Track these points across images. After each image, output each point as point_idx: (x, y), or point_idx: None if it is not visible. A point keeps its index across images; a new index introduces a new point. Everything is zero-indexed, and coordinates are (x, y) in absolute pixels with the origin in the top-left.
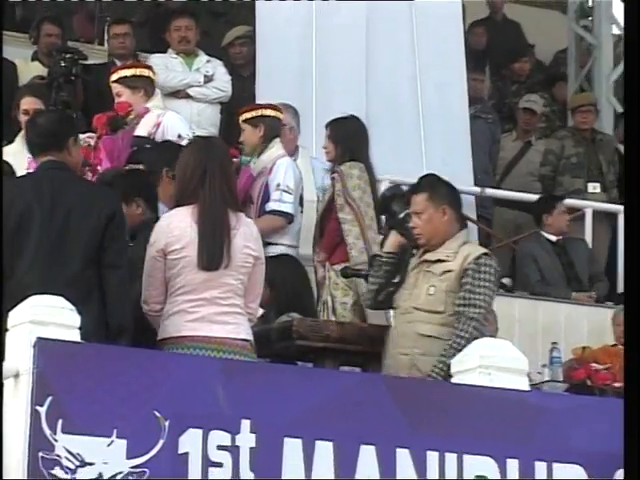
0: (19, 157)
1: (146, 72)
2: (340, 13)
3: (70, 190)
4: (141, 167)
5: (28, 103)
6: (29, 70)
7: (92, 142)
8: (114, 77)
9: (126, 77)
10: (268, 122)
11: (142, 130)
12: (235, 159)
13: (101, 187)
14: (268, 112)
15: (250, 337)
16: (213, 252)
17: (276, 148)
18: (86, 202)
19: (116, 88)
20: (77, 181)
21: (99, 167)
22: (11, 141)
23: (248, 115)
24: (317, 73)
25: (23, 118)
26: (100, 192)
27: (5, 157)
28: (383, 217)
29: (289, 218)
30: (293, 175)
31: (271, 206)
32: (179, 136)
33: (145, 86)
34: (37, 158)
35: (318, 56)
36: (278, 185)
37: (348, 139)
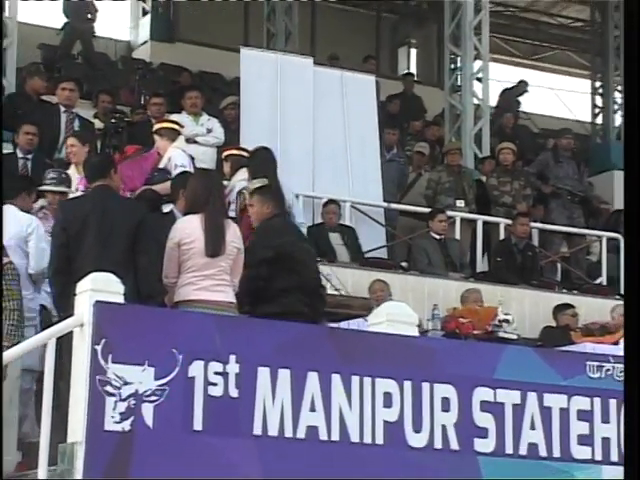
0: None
1: (170, 125)
2: (295, 88)
3: (113, 204)
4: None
5: (71, 142)
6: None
7: None
8: (154, 128)
9: (159, 129)
10: (234, 158)
11: (162, 162)
12: None
13: (134, 201)
14: (234, 152)
15: (234, 300)
16: (215, 244)
17: (240, 173)
18: (124, 211)
19: (155, 136)
20: (118, 197)
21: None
22: (67, 168)
23: (224, 154)
24: (280, 128)
25: (70, 150)
26: (133, 205)
27: None
28: None
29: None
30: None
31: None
32: (181, 165)
33: (169, 134)
34: (92, 182)
35: (280, 117)
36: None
37: (254, 164)
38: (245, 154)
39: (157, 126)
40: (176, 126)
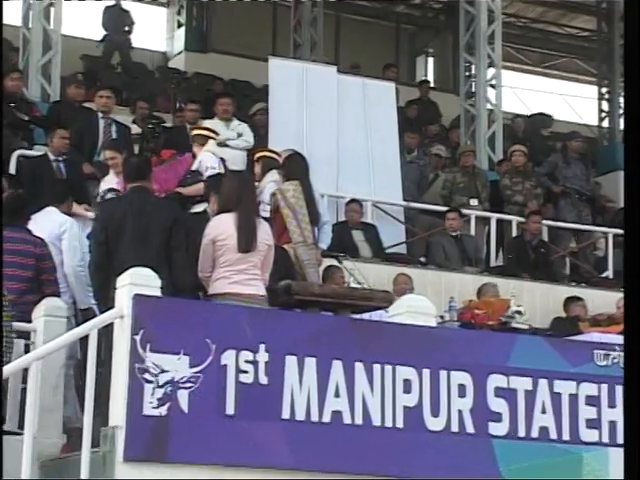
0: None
1: (200, 131)
2: (320, 94)
3: (150, 204)
4: None
5: (109, 154)
6: (131, 129)
7: None
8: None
9: (193, 136)
10: (266, 160)
11: (194, 165)
12: None
13: (169, 201)
14: (266, 154)
15: (265, 293)
16: (247, 241)
17: (270, 175)
18: (159, 211)
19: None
20: (154, 198)
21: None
22: (107, 173)
23: (256, 156)
24: (306, 132)
25: (111, 162)
26: (168, 205)
27: (106, 183)
28: None
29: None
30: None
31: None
32: (212, 167)
33: (201, 140)
34: (130, 183)
35: (306, 121)
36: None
37: (289, 168)
38: (275, 156)
39: (192, 133)
40: (209, 133)
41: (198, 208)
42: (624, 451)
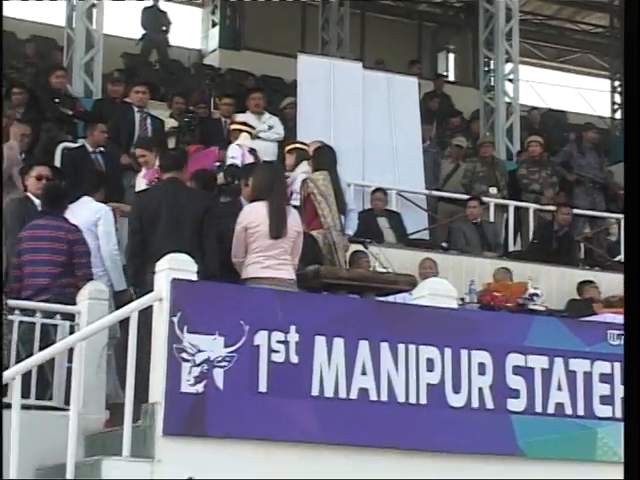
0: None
1: (237, 126)
2: (346, 89)
3: (183, 193)
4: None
5: (140, 152)
6: (167, 123)
7: None
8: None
9: (231, 130)
10: (299, 152)
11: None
12: None
13: (201, 192)
14: (299, 146)
15: (294, 277)
16: (278, 228)
17: (302, 166)
18: (192, 201)
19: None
20: (187, 188)
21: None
22: (139, 170)
23: (288, 147)
24: (333, 125)
25: (142, 160)
26: (200, 194)
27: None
28: None
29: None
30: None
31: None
32: (232, 157)
33: (234, 134)
34: (165, 173)
35: (333, 115)
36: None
37: (318, 159)
38: (306, 148)
39: (230, 127)
40: (246, 127)
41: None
42: (624, 451)
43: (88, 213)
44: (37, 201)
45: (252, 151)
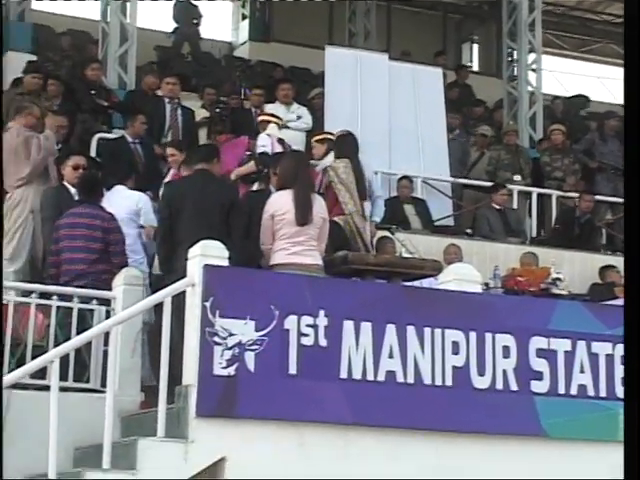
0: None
1: (265, 117)
2: (372, 80)
3: (212, 184)
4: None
5: (170, 152)
6: (199, 113)
7: None
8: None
9: (260, 121)
10: (330, 142)
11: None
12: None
13: (229, 184)
14: (329, 136)
15: (321, 263)
16: (304, 215)
17: (330, 155)
18: (219, 191)
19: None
20: (216, 179)
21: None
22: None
23: (316, 137)
24: (360, 115)
25: (171, 159)
26: (228, 186)
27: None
28: None
29: None
30: None
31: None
32: (261, 146)
33: (263, 124)
34: (194, 166)
35: (360, 105)
36: None
37: (339, 147)
38: (334, 137)
39: (259, 119)
40: (273, 118)
41: (255, 186)
42: (624, 449)
43: (129, 202)
44: (73, 190)
45: (280, 141)
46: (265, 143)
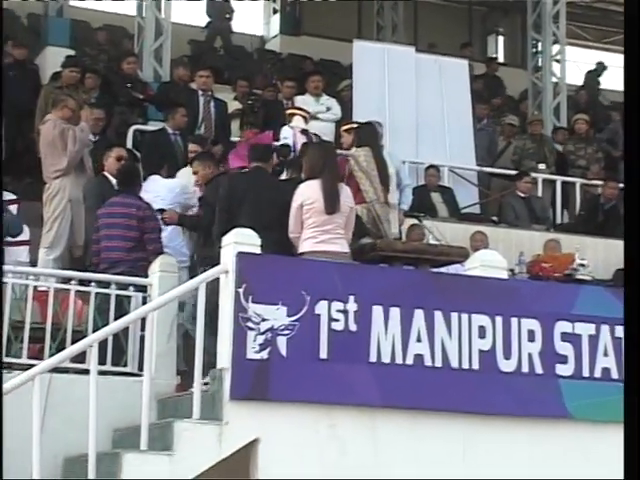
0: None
1: (292, 110)
2: (400, 72)
3: (266, 181)
4: None
5: (191, 146)
6: (231, 105)
7: None
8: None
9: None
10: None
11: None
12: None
13: (283, 182)
14: (355, 126)
15: (348, 250)
16: (332, 204)
17: None
18: (275, 189)
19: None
20: (270, 177)
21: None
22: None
23: (345, 127)
24: (388, 106)
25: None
26: (282, 184)
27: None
28: None
29: None
30: None
31: None
32: (284, 138)
33: (290, 117)
34: (252, 163)
35: (388, 96)
36: None
37: (361, 136)
38: None
39: (287, 112)
40: (300, 111)
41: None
42: (624, 449)
43: (165, 191)
44: (113, 180)
45: (304, 132)
46: (287, 135)
